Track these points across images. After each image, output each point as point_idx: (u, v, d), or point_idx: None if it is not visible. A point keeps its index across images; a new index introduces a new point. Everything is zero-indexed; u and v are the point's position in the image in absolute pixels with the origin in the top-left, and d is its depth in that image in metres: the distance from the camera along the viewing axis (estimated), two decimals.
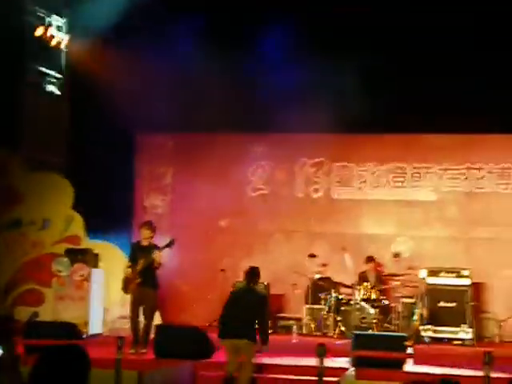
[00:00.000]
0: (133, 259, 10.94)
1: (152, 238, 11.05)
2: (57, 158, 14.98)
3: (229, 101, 13.13)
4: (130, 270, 10.87)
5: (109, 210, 13.84)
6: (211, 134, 14.93)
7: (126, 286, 10.90)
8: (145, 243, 11.01)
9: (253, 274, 9.64)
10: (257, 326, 9.13)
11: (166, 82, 13.60)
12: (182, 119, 14.12)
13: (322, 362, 7.73)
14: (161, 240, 11.11)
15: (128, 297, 11.10)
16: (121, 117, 13.30)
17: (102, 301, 13.31)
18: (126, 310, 11.43)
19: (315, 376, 8.13)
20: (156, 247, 10.88)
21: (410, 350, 9.78)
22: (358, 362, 9.33)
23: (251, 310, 9.25)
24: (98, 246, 13.76)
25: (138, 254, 10.85)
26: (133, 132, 15.39)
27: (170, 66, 13.38)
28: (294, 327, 12.97)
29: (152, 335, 10.46)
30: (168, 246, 10.83)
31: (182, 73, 13.58)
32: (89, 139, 14.28)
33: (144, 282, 10.75)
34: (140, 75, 13.56)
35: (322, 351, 7.78)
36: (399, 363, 9.14)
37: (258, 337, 9.08)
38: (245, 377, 9.20)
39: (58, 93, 15.25)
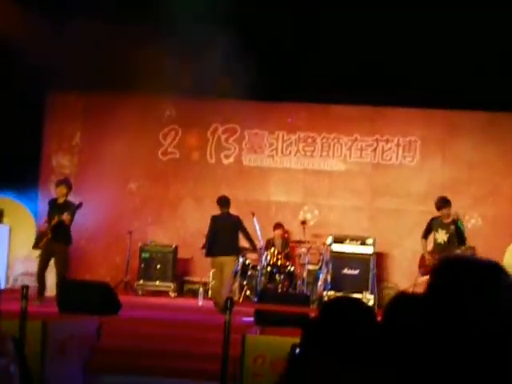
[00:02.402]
0: (49, 216, 11.30)
1: (67, 195, 11.55)
2: None
3: (141, 62, 12.93)
4: (45, 225, 11.30)
5: (16, 167, 13.57)
6: (122, 95, 14.70)
7: (38, 241, 11.25)
8: (61, 200, 11.46)
9: (225, 201, 11.86)
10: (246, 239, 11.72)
11: (78, 40, 13.27)
12: (93, 79, 13.84)
13: (230, 315, 7.74)
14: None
15: (35, 253, 11.27)
16: (32, 74, 12.95)
17: (6, 257, 13.09)
18: (30, 267, 11.42)
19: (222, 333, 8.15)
20: (71, 204, 11.42)
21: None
22: (261, 320, 9.50)
23: (232, 230, 11.51)
24: (2, 202, 13.49)
25: (54, 210, 11.29)
26: (44, 90, 15.04)
27: (82, 23, 13.06)
28: (201, 290, 13.03)
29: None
30: (77, 207, 11.37)
31: (93, 30, 13.27)
32: None
33: (55, 236, 11.09)
34: (52, 32, 13.21)
35: (229, 304, 7.81)
36: (301, 321, 9.30)
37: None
38: (226, 284, 11.43)
39: None
